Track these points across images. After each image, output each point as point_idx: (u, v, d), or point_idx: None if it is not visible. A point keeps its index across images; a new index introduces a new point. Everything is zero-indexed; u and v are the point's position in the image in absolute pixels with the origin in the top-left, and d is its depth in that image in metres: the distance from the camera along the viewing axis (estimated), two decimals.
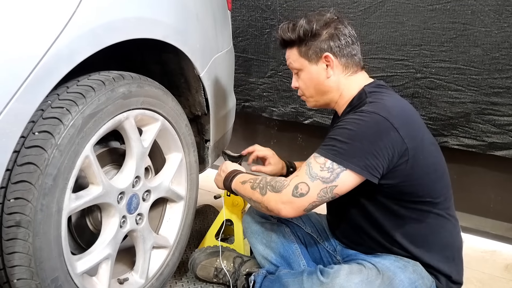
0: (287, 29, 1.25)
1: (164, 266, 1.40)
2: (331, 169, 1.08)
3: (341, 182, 1.08)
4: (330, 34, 1.22)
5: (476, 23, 1.76)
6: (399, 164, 1.10)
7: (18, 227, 0.89)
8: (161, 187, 1.33)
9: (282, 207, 1.12)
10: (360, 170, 1.07)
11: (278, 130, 2.46)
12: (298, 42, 1.25)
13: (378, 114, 1.09)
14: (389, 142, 1.08)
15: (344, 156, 1.07)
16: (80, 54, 0.95)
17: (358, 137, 1.08)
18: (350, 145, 1.08)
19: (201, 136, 1.60)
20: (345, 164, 1.07)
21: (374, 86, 1.23)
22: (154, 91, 1.23)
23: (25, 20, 0.86)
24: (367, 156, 1.07)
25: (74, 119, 0.96)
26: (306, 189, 1.10)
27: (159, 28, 1.20)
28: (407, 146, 1.10)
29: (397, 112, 1.11)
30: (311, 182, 1.09)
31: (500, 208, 1.96)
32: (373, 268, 1.11)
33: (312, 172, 1.10)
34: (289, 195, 1.11)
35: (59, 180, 0.93)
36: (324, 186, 1.09)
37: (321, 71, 1.24)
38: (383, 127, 1.08)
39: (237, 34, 2.28)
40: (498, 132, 1.82)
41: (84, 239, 1.23)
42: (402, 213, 1.17)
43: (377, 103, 1.13)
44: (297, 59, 1.26)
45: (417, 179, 1.13)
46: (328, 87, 1.25)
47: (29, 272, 0.91)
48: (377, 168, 1.08)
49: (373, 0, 1.95)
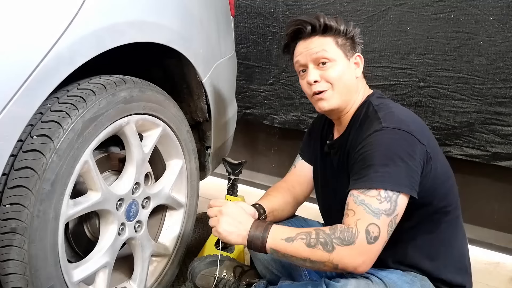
0: (328, 17, 1.18)
1: (162, 275, 1.38)
2: (389, 198, 1.00)
3: (399, 209, 1.01)
4: (359, 39, 1.23)
5: (480, 33, 1.76)
6: (425, 175, 1.07)
7: (13, 234, 0.86)
8: (161, 194, 1.31)
9: (361, 260, 0.99)
10: (410, 190, 1.02)
11: (279, 138, 2.44)
12: (339, 33, 1.18)
13: (400, 129, 1.05)
14: (419, 155, 1.04)
15: (393, 180, 1.01)
16: (81, 57, 0.94)
17: (396, 156, 1.02)
18: (392, 167, 1.01)
19: (202, 143, 1.58)
20: (397, 188, 1.00)
21: (377, 97, 1.21)
22: (156, 96, 1.22)
23: (25, 21, 0.84)
24: (410, 173, 1.02)
25: (74, 123, 0.94)
26: (377, 231, 0.99)
27: (162, 32, 1.19)
28: (430, 156, 1.07)
29: (412, 123, 1.09)
30: (378, 220, 0.99)
31: (504, 219, 1.93)
32: (380, 283, 1.08)
33: (373, 208, 1.00)
34: (365, 244, 0.98)
35: (57, 185, 0.91)
36: (389, 219, 1.00)
37: (352, 69, 1.20)
38: (410, 141, 1.04)
39: (239, 41, 2.27)
40: (502, 142, 1.81)
41: (82, 247, 1.20)
42: (413, 225, 1.13)
43: (391, 117, 1.09)
44: (334, 49, 1.17)
45: (435, 189, 1.11)
46: (355, 86, 1.20)
47: (24, 280, 0.88)
48: (418, 183, 1.04)
49: (376, 9, 1.94)
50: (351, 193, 1.05)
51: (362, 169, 1.05)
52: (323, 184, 1.34)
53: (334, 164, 1.26)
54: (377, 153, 1.04)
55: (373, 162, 1.03)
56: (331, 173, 1.28)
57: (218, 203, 1.15)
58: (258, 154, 2.52)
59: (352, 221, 1.01)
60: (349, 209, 1.04)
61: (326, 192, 1.34)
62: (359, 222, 1.00)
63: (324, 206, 1.38)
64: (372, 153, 1.05)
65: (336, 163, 1.24)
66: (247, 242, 1.09)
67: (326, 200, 1.35)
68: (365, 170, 1.04)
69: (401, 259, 1.16)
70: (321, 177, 1.35)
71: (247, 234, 1.08)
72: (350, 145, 1.16)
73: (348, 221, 1.02)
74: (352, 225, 1.00)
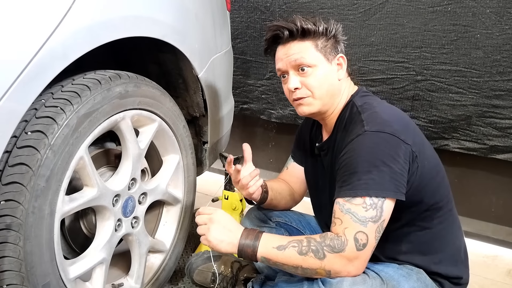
0: (305, 20, 1.15)
1: (160, 271, 1.37)
2: (374, 205, 1.01)
3: (385, 214, 1.03)
4: (342, 37, 1.20)
5: (477, 25, 1.75)
6: (411, 174, 1.07)
7: (8, 230, 0.86)
8: (158, 190, 1.30)
9: (351, 266, 1.02)
10: (395, 193, 1.02)
11: (277, 132, 2.44)
12: (318, 35, 1.15)
13: (383, 132, 1.04)
14: (404, 156, 1.04)
15: (377, 186, 1.01)
16: (75, 52, 0.93)
17: (379, 161, 1.02)
18: (375, 173, 1.01)
19: (199, 138, 1.58)
20: (382, 194, 1.01)
21: (361, 95, 1.19)
22: (152, 91, 1.21)
23: (18, 15, 0.83)
24: (394, 177, 1.02)
25: (68, 118, 0.93)
26: (365, 238, 1.01)
27: (157, 26, 1.17)
28: (416, 154, 1.07)
29: (396, 123, 1.08)
30: (365, 227, 1.00)
31: (501, 212, 1.93)
32: (376, 277, 1.08)
33: (359, 217, 1.01)
34: (355, 251, 1.00)
35: (52, 181, 0.91)
36: (376, 225, 1.02)
37: (334, 72, 1.18)
38: (394, 143, 1.04)
39: (235, 36, 2.26)
40: (499, 135, 1.80)
41: (78, 243, 1.20)
42: (405, 223, 1.14)
43: (374, 119, 1.08)
44: (313, 54, 1.15)
45: (424, 186, 1.10)
46: (338, 90, 1.18)
47: (20, 277, 0.88)
48: (404, 185, 1.04)
49: (373, 2, 1.93)
50: (337, 201, 1.06)
51: (346, 176, 1.05)
52: (315, 183, 1.35)
53: (324, 165, 1.27)
54: (360, 159, 1.04)
55: (356, 170, 1.03)
56: (322, 173, 1.29)
57: (208, 211, 1.13)
58: (256, 149, 2.48)
59: (340, 230, 1.02)
60: (336, 217, 1.04)
61: (317, 190, 1.35)
62: (347, 230, 1.01)
63: (316, 204, 1.40)
64: (354, 160, 1.05)
65: (326, 164, 1.25)
66: (237, 251, 1.08)
67: (317, 198, 1.37)
68: (349, 177, 1.04)
69: (394, 255, 1.16)
70: (313, 177, 1.36)
71: (237, 242, 1.07)
72: (337, 149, 1.16)
73: (336, 229, 1.03)
74: (341, 234, 1.02)
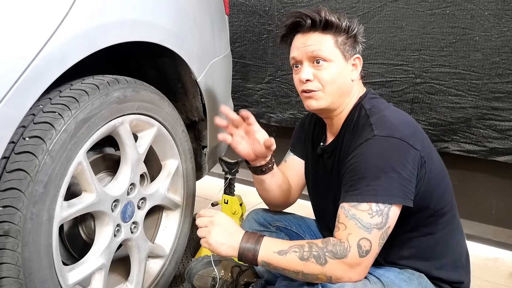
0: (330, 12, 1.11)
1: (159, 276, 1.37)
2: (380, 211, 1.00)
3: (391, 221, 1.01)
4: (362, 38, 1.18)
5: (476, 28, 1.75)
6: (419, 180, 1.06)
7: (6, 237, 0.85)
8: (157, 195, 1.30)
9: (353, 272, 1.00)
10: (403, 200, 1.01)
11: (276, 136, 2.41)
12: (339, 31, 1.12)
13: (392, 137, 1.03)
14: (413, 162, 1.03)
15: (386, 192, 1.00)
16: (73, 57, 0.93)
17: (388, 167, 1.00)
18: (384, 179, 1.00)
19: (198, 142, 1.57)
20: (390, 200, 1.00)
21: (369, 98, 1.18)
22: (150, 96, 1.20)
23: (15, 20, 0.83)
24: (403, 183, 1.01)
25: (66, 124, 0.93)
26: (369, 244, 0.99)
27: (155, 31, 1.17)
28: (424, 160, 1.06)
29: (405, 128, 1.06)
30: (369, 234, 0.99)
31: (502, 215, 1.93)
32: (378, 282, 1.07)
33: (364, 223, 0.99)
34: (357, 258, 0.99)
35: (50, 187, 0.90)
36: (380, 232, 1.00)
37: (349, 71, 1.15)
38: (403, 149, 1.02)
39: (234, 40, 2.26)
40: (499, 138, 1.80)
41: (77, 249, 1.19)
42: (409, 230, 1.12)
43: (383, 123, 1.07)
44: (331, 48, 1.12)
45: (431, 191, 1.09)
46: (349, 90, 1.16)
47: (18, 284, 0.87)
48: (412, 191, 1.03)
49: (371, 5, 1.93)
50: (342, 206, 1.04)
51: (353, 181, 1.04)
52: (315, 182, 1.34)
53: (327, 167, 1.25)
54: (369, 164, 1.02)
55: (364, 175, 1.02)
56: (324, 174, 1.27)
57: (209, 213, 1.12)
58: None
59: (344, 236, 1.01)
60: (340, 222, 1.03)
61: (318, 191, 1.33)
62: (350, 236, 1.00)
63: (317, 205, 1.37)
64: (363, 164, 1.03)
65: (330, 166, 1.23)
66: (238, 254, 1.07)
67: (319, 199, 1.35)
68: (357, 182, 1.03)
69: (395, 260, 1.15)
70: (313, 176, 1.35)
71: (238, 245, 1.06)
72: (343, 151, 1.15)
73: (340, 235, 1.02)
74: (344, 240, 1.00)
